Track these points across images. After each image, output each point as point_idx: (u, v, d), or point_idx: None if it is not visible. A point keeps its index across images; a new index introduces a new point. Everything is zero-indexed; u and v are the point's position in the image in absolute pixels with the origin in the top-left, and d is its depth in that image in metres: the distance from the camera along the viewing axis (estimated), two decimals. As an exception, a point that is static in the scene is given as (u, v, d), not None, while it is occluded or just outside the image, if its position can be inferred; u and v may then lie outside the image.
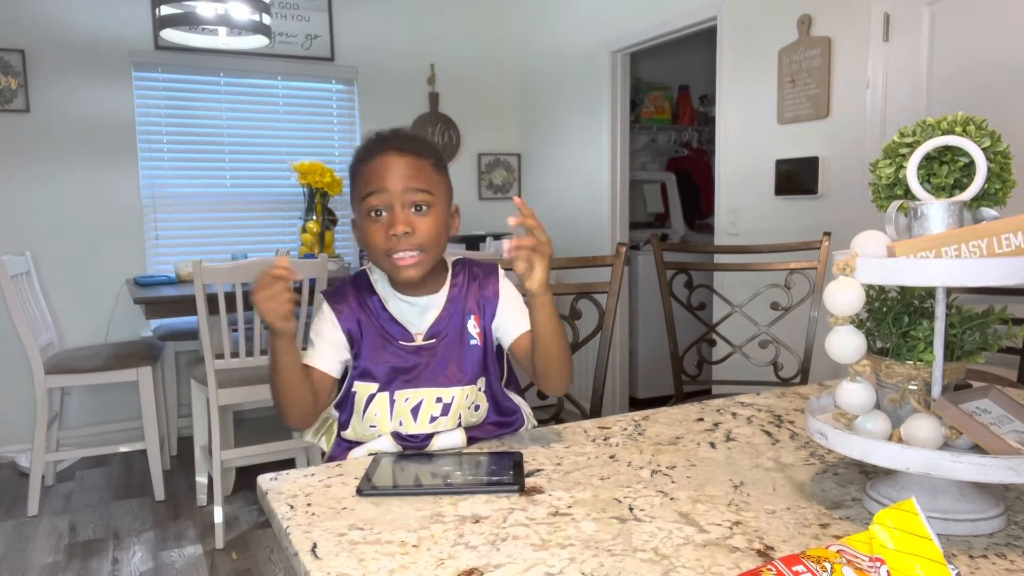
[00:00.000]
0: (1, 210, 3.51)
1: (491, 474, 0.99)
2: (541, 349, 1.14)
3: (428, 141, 1.20)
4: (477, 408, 1.22)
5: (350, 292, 1.23)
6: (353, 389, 1.20)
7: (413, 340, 1.19)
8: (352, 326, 1.20)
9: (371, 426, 1.19)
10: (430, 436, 1.19)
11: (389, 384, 1.19)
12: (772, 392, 1.42)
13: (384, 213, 1.13)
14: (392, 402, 1.18)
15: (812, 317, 2.16)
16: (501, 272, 1.28)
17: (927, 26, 2.36)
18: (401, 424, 1.18)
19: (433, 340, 1.19)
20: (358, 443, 1.22)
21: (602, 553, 0.77)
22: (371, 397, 1.19)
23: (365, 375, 1.19)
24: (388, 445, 1.19)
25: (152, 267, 3.83)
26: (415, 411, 1.18)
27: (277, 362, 1.12)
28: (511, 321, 1.23)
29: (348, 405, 1.21)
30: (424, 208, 1.14)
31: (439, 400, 1.18)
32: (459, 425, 1.20)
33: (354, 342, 1.20)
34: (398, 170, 1.13)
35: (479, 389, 1.22)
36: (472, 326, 1.22)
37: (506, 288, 1.26)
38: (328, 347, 1.20)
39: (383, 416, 1.18)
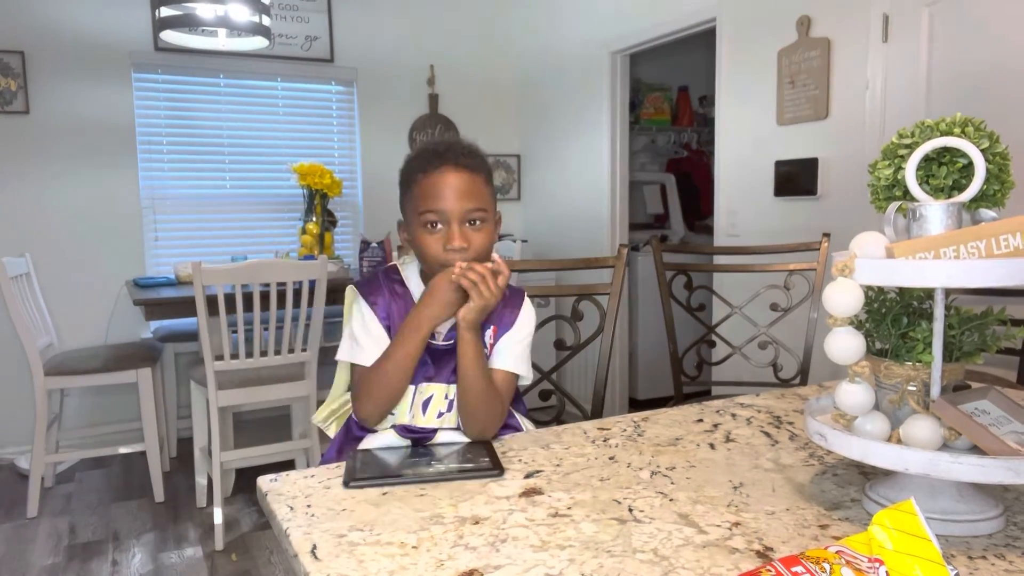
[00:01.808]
0: (1, 211, 3.51)
1: (468, 460, 1.04)
2: (460, 386, 1.16)
3: (480, 154, 1.22)
4: None
5: (383, 284, 1.25)
6: None
7: (435, 339, 1.21)
8: (384, 317, 1.22)
9: (391, 414, 1.21)
10: (434, 431, 1.20)
11: (414, 377, 1.20)
12: (771, 393, 1.42)
13: (440, 226, 1.16)
14: (415, 393, 1.20)
15: (811, 318, 2.16)
16: (527, 302, 1.28)
17: (926, 26, 2.36)
18: (413, 417, 1.20)
19: (451, 342, 1.21)
20: (365, 432, 1.22)
21: (602, 554, 0.77)
22: None
23: None
24: (393, 440, 1.19)
25: (152, 268, 3.83)
26: (425, 404, 1.20)
27: (413, 350, 1.15)
28: (501, 350, 1.23)
29: None
30: (478, 223, 1.18)
31: (447, 396, 1.20)
32: (459, 427, 1.20)
33: (389, 333, 1.22)
34: (455, 188, 1.16)
35: None
36: (488, 336, 1.23)
37: (523, 319, 1.26)
38: (376, 345, 1.20)
39: (403, 406, 1.20)
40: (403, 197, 1.23)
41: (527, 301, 1.28)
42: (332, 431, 1.28)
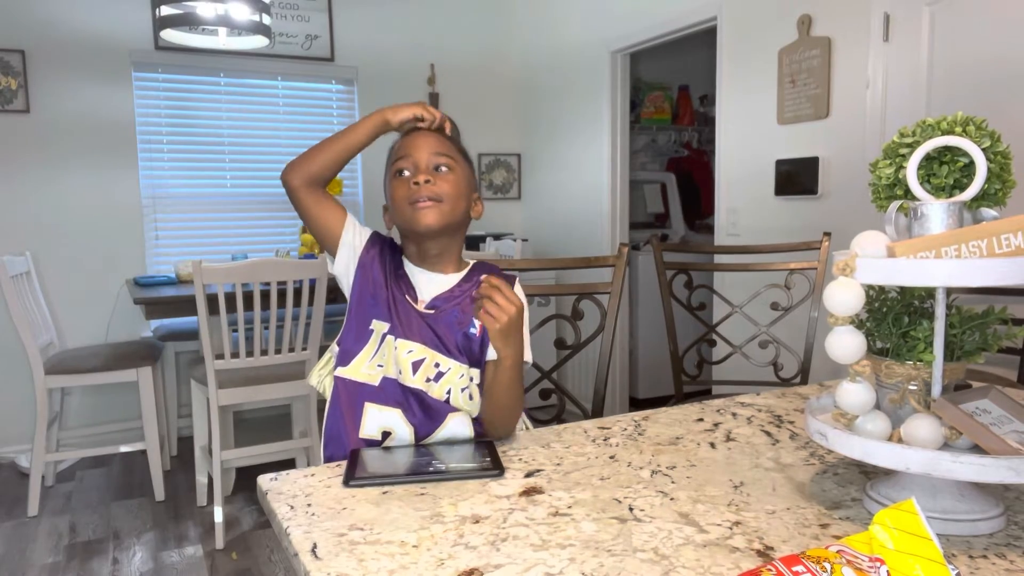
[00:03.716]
0: (1, 210, 3.51)
1: (470, 460, 1.05)
2: (489, 403, 1.22)
3: (455, 136, 1.33)
4: (471, 398, 1.23)
5: (390, 244, 1.31)
6: (371, 328, 1.24)
7: (417, 304, 1.25)
8: (366, 267, 1.26)
9: (379, 365, 1.22)
10: (437, 415, 1.20)
11: (400, 331, 1.22)
12: (772, 392, 1.42)
13: (408, 173, 1.25)
14: (396, 348, 1.21)
15: (812, 317, 2.16)
16: (517, 287, 1.29)
17: (927, 26, 2.36)
18: (400, 373, 1.21)
19: (433, 311, 1.23)
20: (359, 384, 1.22)
21: (602, 553, 0.77)
22: (384, 337, 1.23)
23: (381, 315, 1.24)
24: (400, 423, 1.19)
25: (152, 267, 3.83)
26: (416, 365, 1.21)
27: (356, 134, 1.26)
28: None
29: (362, 341, 1.24)
30: (444, 170, 1.25)
31: (437, 365, 1.21)
32: (447, 400, 1.20)
33: (359, 279, 1.26)
34: (425, 140, 1.26)
35: (471, 379, 1.23)
36: (477, 322, 1.24)
37: None
38: (357, 236, 1.28)
39: (390, 358, 1.21)
40: (385, 176, 1.31)
41: (517, 284, 1.31)
42: (327, 387, 1.29)
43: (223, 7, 2.87)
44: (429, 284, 1.26)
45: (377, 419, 1.20)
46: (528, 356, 1.27)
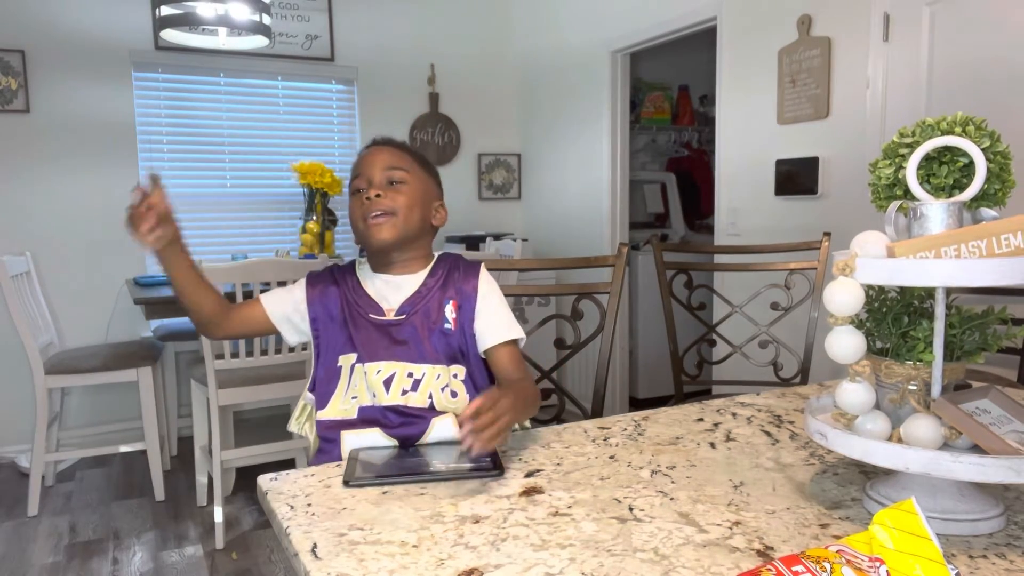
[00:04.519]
0: (1, 210, 3.51)
1: (469, 460, 1.03)
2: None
3: (413, 147, 1.37)
4: (454, 395, 1.23)
5: (330, 274, 1.32)
6: (339, 364, 1.24)
7: (384, 315, 1.25)
8: (319, 311, 1.27)
9: (353, 397, 1.22)
10: (420, 419, 1.18)
11: (365, 356, 1.22)
12: (772, 392, 1.42)
13: (363, 190, 1.26)
14: (362, 373, 1.22)
15: (812, 317, 2.16)
16: (483, 272, 1.31)
17: (927, 26, 2.36)
18: (374, 396, 1.20)
19: (404, 316, 1.24)
20: (338, 422, 1.21)
21: (602, 553, 0.77)
22: (352, 367, 1.23)
23: (347, 347, 1.24)
24: (380, 439, 1.19)
25: (152, 267, 3.82)
26: (387, 383, 1.21)
27: (168, 275, 1.27)
28: (487, 328, 1.27)
29: (333, 380, 1.24)
30: (397, 183, 1.26)
31: (410, 375, 1.21)
32: (431, 405, 1.20)
33: (318, 325, 1.27)
34: (378, 156, 1.28)
35: (454, 375, 1.23)
36: (449, 311, 1.25)
37: (485, 289, 1.29)
38: (287, 302, 1.29)
39: (363, 387, 1.21)
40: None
41: (483, 271, 1.32)
42: (308, 431, 1.28)
43: (223, 7, 2.87)
44: (396, 291, 1.26)
45: (354, 443, 1.19)
46: (516, 333, 1.27)
